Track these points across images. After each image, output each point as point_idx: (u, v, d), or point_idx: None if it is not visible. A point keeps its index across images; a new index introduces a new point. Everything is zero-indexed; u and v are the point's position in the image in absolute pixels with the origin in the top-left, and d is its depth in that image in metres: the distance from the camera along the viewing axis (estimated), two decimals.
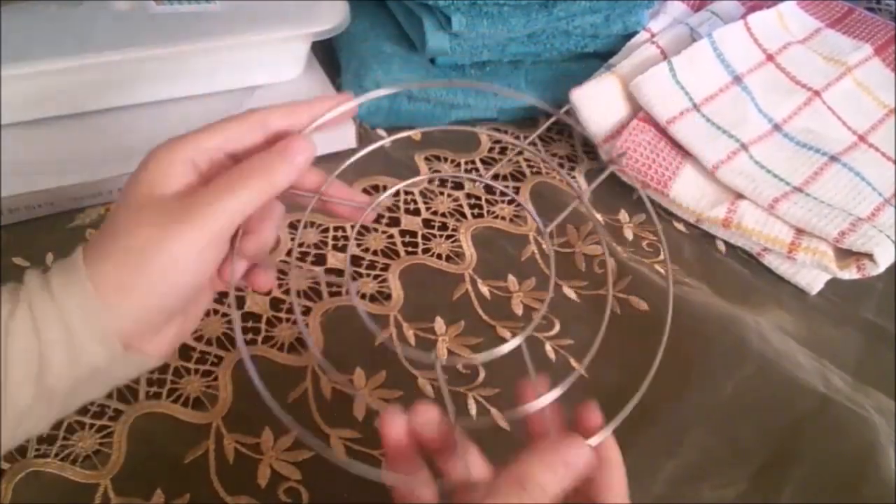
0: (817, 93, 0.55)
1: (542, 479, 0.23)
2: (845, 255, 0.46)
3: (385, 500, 0.35)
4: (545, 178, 0.52)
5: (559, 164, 0.55)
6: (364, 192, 0.49)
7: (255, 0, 0.49)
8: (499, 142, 0.56)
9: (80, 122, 0.46)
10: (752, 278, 0.49)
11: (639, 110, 0.51)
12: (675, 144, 0.50)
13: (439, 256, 0.46)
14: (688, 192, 0.49)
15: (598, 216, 0.50)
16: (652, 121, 0.50)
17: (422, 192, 0.50)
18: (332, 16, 0.50)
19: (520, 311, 0.43)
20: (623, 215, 0.51)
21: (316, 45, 0.53)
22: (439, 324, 0.42)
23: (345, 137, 0.51)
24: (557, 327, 0.42)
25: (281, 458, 0.35)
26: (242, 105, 0.50)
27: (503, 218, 0.49)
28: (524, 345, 0.29)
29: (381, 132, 0.55)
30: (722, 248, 0.51)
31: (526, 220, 0.49)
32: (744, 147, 0.50)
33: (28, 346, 0.25)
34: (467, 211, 0.49)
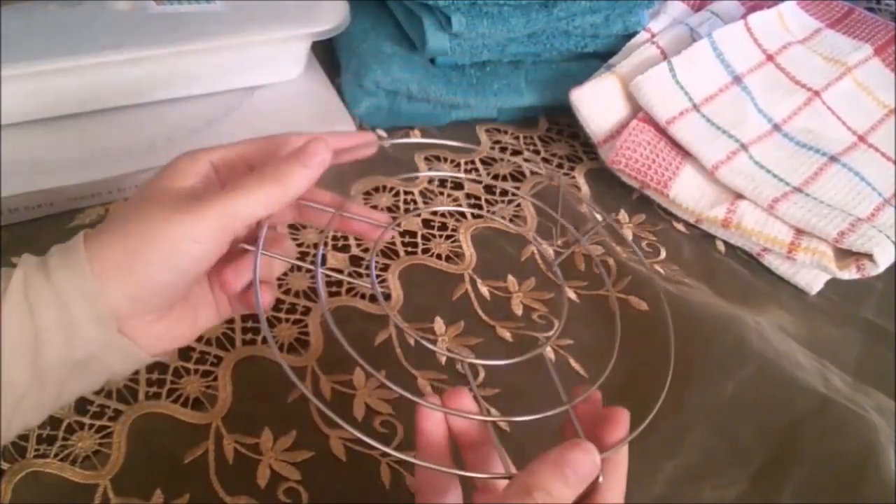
0: (817, 93, 0.55)
1: (551, 487, 0.23)
2: (845, 255, 0.46)
3: (385, 500, 0.35)
4: (546, 173, 0.52)
5: (559, 163, 0.55)
6: (366, 194, 0.49)
7: (254, 0, 0.49)
8: (499, 142, 0.56)
9: (79, 122, 0.46)
10: (751, 278, 0.49)
11: (639, 110, 0.51)
12: (674, 144, 0.50)
13: (439, 256, 0.46)
14: (687, 192, 0.49)
15: (602, 217, 0.50)
16: (652, 121, 0.50)
17: (422, 192, 0.50)
18: (332, 16, 0.50)
19: (519, 311, 0.43)
20: (623, 215, 0.51)
21: (316, 45, 0.53)
22: (439, 324, 0.42)
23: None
24: (557, 325, 0.42)
25: (280, 459, 0.35)
26: (242, 105, 0.50)
27: (503, 218, 0.49)
28: (546, 353, 0.30)
29: (381, 132, 0.55)
30: (721, 248, 0.51)
31: (526, 221, 0.49)
32: (743, 147, 0.50)
33: (23, 326, 0.25)
34: (467, 211, 0.49)
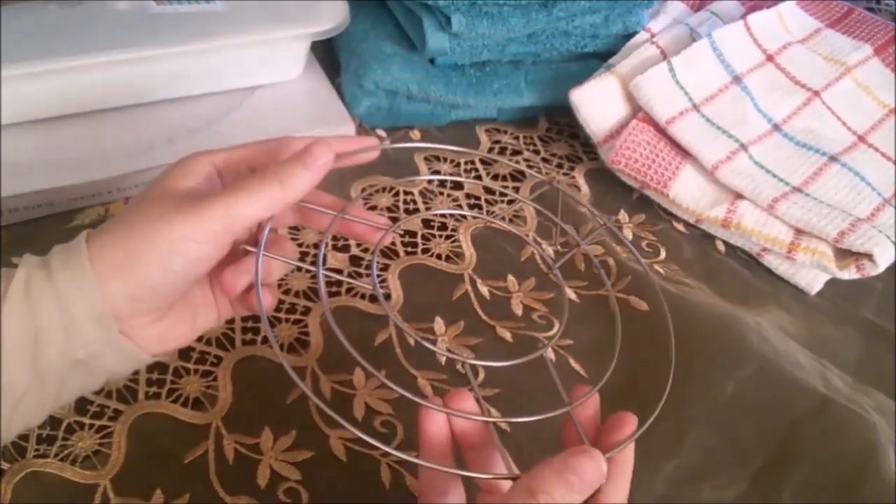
0: (817, 93, 0.55)
1: (555, 491, 0.23)
2: (845, 255, 0.46)
3: (385, 500, 0.35)
4: (545, 178, 0.52)
5: (559, 163, 0.55)
6: (365, 195, 0.49)
7: (254, 0, 0.49)
8: (498, 142, 0.56)
9: (79, 122, 0.46)
10: (751, 278, 0.49)
11: (638, 110, 0.51)
12: (674, 144, 0.50)
13: (439, 256, 0.46)
14: (687, 192, 0.49)
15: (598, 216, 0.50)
16: (651, 121, 0.50)
17: (421, 192, 0.50)
18: (331, 16, 0.50)
19: (519, 311, 0.43)
20: (623, 215, 0.51)
21: (316, 45, 0.53)
22: (439, 324, 0.42)
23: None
24: (557, 327, 0.42)
25: (280, 459, 0.35)
26: (242, 105, 0.50)
27: (503, 218, 0.49)
28: (547, 354, 0.30)
29: (381, 132, 0.55)
30: (721, 248, 0.51)
31: (525, 221, 0.49)
32: (743, 147, 0.50)
33: (24, 326, 0.25)
34: (467, 211, 0.49)
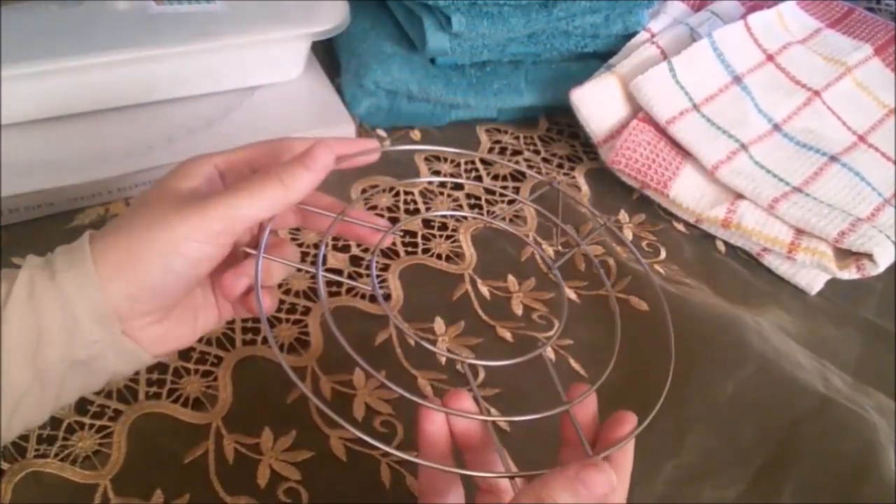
0: (817, 93, 0.55)
1: (563, 500, 0.23)
2: (845, 255, 0.46)
3: (385, 500, 0.35)
4: (545, 178, 0.52)
5: (559, 163, 0.55)
6: (366, 195, 0.49)
7: (255, 0, 0.49)
8: (499, 142, 0.56)
9: (79, 122, 0.46)
10: (751, 278, 0.49)
11: (639, 110, 0.51)
12: (674, 144, 0.50)
13: (439, 256, 0.46)
14: (687, 192, 0.49)
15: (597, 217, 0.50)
16: (652, 121, 0.50)
17: (421, 192, 0.50)
18: (332, 16, 0.50)
19: (519, 311, 0.43)
20: (623, 215, 0.51)
21: (316, 45, 0.53)
22: (439, 324, 0.42)
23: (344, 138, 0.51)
24: (557, 327, 0.42)
25: (280, 459, 0.35)
26: (242, 105, 0.50)
27: (503, 218, 0.49)
28: (547, 353, 0.30)
29: (381, 132, 0.55)
30: (722, 248, 0.51)
31: (525, 221, 0.49)
32: (744, 147, 0.50)
33: (27, 326, 0.25)
34: (467, 211, 0.49)
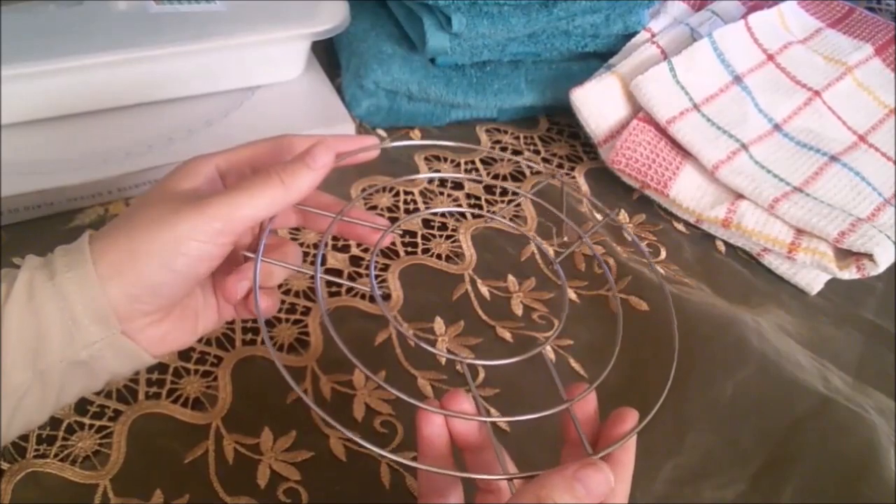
0: (817, 93, 0.55)
1: (561, 500, 0.24)
2: (845, 255, 0.46)
3: (385, 500, 0.35)
4: (549, 172, 0.52)
5: (559, 163, 0.54)
6: (366, 195, 0.49)
7: (255, 0, 0.49)
8: (499, 142, 0.56)
9: (79, 122, 0.46)
10: (752, 278, 0.49)
11: (639, 110, 0.51)
12: (675, 144, 0.50)
13: (439, 256, 0.46)
14: (688, 192, 0.49)
15: (597, 218, 0.50)
16: (652, 121, 0.50)
17: (422, 192, 0.50)
18: (332, 16, 0.50)
19: (519, 311, 0.43)
20: (623, 215, 0.51)
21: (316, 45, 0.53)
22: (439, 324, 0.42)
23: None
24: (558, 324, 0.42)
25: (280, 459, 0.35)
26: (242, 105, 0.50)
27: (503, 218, 0.49)
28: (546, 351, 0.30)
29: (381, 132, 0.55)
30: (722, 248, 0.51)
31: (526, 221, 0.49)
32: (744, 147, 0.50)
33: (26, 327, 0.25)
34: (467, 211, 0.49)
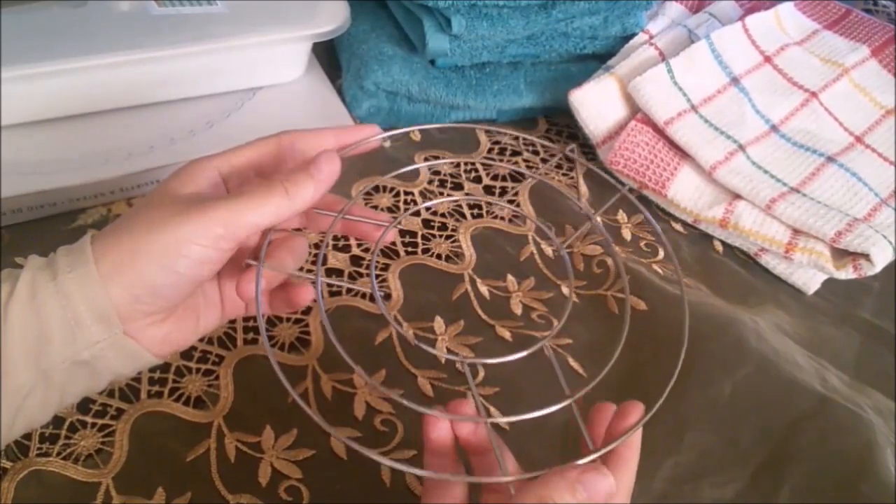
0: (814, 94, 0.56)
1: (563, 501, 0.24)
2: (842, 255, 0.46)
3: (386, 499, 0.35)
4: (544, 179, 0.52)
5: (558, 164, 0.55)
6: (366, 195, 0.49)
7: (256, 1, 0.49)
8: (498, 142, 0.56)
9: (81, 122, 0.46)
10: (749, 278, 0.49)
11: (637, 111, 0.51)
12: (673, 145, 0.50)
13: (439, 256, 0.46)
14: (685, 192, 0.49)
15: (599, 216, 0.50)
16: (650, 122, 0.51)
17: (421, 193, 0.50)
18: (332, 17, 0.50)
19: (519, 310, 0.44)
20: (621, 215, 0.51)
21: (317, 47, 0.53)
22: (439, 323, 0.42)
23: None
24: (556, 327, 0.42)
25: (282, 457, 0.35)
26: (243, 106, 0.50)
27: (502, 218, 0.49)
28: (548, 347, 0.31)
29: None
30: (719, 248, 0.51)
31: (525, 221, 0.50)
32: (741, 148, 0.50)
33: (27, 323, 0.25)
34: (467, 211, 0.49)
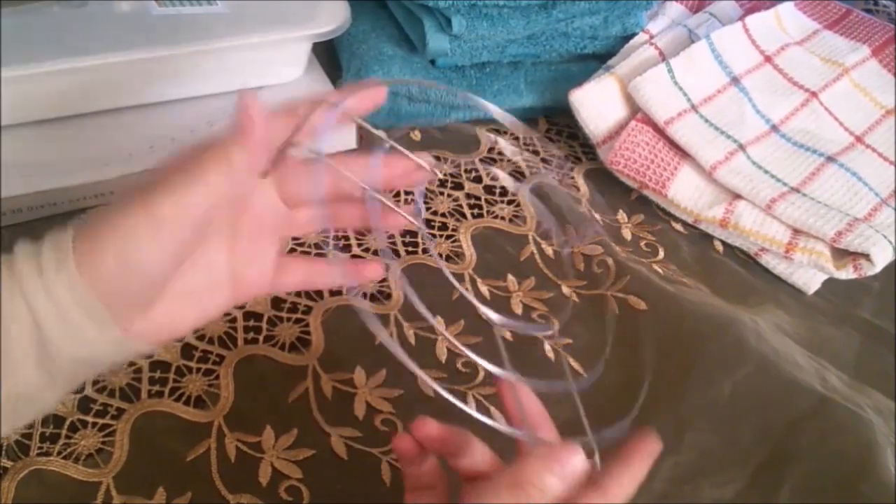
0: (814, 94, 0.56)
1: (541, 481, 0.24)
2: (842, 255, 0.46)
3: (386, 498, 0.35)
4: (544, 179, 0.52)
5: (558, 164, 0.55)
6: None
7: (256, 1, 0.49)
8: (498, 143, 0.56)
9: (81, 123, 0.46)
10: (750, 278, 0.49)
11: (637, 111, 0.51)
12: (673, 145, 0.50)
13: (439, 256, 0.46)
14: (686, 192, 0.49)
15: (598, 215, 0.50)
16: (650, 121, 0.51)
17: (422, 192, 0.50)
18: (333, 17, 0.50)
19: (519, 310, 0.44)
20: (621, 215, 0.51)
21: (317, 47, 0.53)
22: (439, 322, 0.42)
23: (345, 138, 0.51)
24: (556, 327, 0.43)
25: (282, 457, 0.35)
26: None
27: (503, 218, 0.49)
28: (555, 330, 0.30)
29: (382, 133, 0.55)
30: (720, 248, 0.51)
31: (525, 221, 0.50)
32: (741, 148, 0.50)
33: (20, 317, 0.24)
34: (467, 211, 0.49)
